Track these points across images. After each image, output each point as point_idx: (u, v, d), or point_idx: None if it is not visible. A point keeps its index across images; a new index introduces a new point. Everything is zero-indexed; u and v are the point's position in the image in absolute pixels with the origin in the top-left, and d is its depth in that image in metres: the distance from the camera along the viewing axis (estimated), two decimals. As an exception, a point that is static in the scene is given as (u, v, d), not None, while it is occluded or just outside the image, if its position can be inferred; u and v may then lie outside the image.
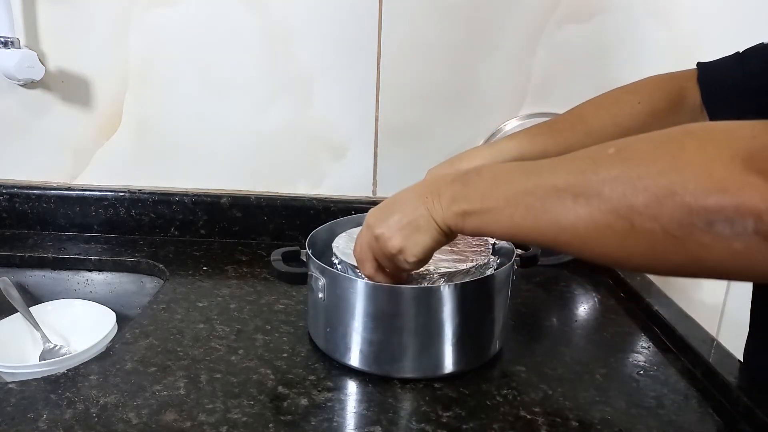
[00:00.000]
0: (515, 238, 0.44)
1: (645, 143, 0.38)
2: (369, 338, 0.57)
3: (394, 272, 0.54)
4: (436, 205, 0.48)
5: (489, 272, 0.61)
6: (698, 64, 0.65)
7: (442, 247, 0.62)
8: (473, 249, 0.64)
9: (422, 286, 0.57)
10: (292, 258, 0.64)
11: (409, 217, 0.49)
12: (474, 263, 0.60)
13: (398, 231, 0.49)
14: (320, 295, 0.59)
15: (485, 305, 0.59)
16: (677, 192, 0.33)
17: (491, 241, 0.68)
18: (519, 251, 0.64)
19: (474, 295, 0.58)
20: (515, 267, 0.63)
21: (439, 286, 0.56)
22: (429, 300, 0.56)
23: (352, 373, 0.59)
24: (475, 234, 0.47)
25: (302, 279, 0.62)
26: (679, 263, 0.35)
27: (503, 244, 0.67)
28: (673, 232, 0.34)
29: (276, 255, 0.64)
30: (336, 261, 0.61)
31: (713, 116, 0.61)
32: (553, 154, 0.44)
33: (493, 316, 0.61)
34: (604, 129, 0.63)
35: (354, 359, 0.59)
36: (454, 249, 0.64)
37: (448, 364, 0.58)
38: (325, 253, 0.68)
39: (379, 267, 0.54)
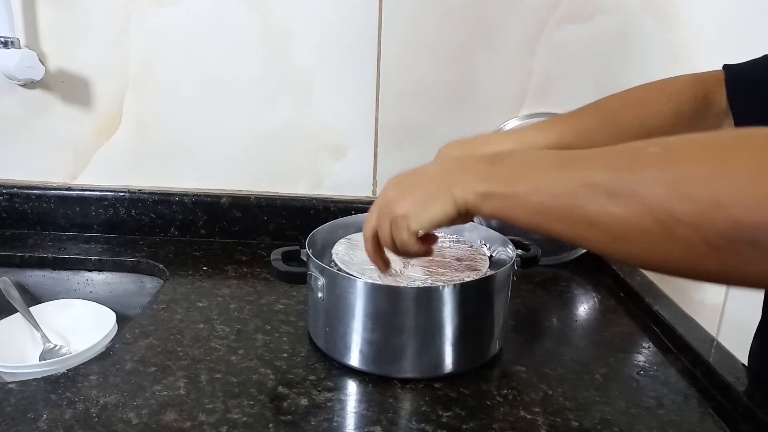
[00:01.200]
0: (539, 227, 0.41)
1: (692, 145, 0.35)
2: (368, 338, 0.57)
3: (387, 242, 0.51)
4: (458, 179, 0.45)
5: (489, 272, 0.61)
6: (725, 66, 0.63)
7: (440, 260, 0.63)
8: (469, 263, 0.64)
9: (422, 285, 0.57)
10: (292, 258, 0.64)
11: (427, 186, 0.47)
12: (471, 279, 0.59)
13: (411, 196, 0.47)
14: (320, 294, 0.59)
15: (485, 305, 0.59)
16: (723, 203, 0.31)
17: (488, 253, 0.68)
18: (519, 251, 0.64)
19: (474, 295, 0.58)
20: (515, 267, 0.63)
21: (439, 286, 0.56)
22: (429, 300, 0.56)
23: (352, 373, 0.59)
24: (492, 217, 0.44)
25: (302, 278, 0.61)
26: (716, 272, 0.33)
27: (501, 255, 0.67)
28: (714, 243, 0.31)
29: (276, 255, 0.63)
30: (335, 269, 0.60)
31: (739, 121, 0.59)
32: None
33: (493, 316, 0.61)
34: (631, 129, 0.61)
35: (354, 359, 0.59)
36: (452, 263, 0.64)
37: (448, 364, 0.58)
38: (325, 252, 0.68)
39: (376, 237, 0.52)
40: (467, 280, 0.59)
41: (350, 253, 0.65)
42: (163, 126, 0.90)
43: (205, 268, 0.83)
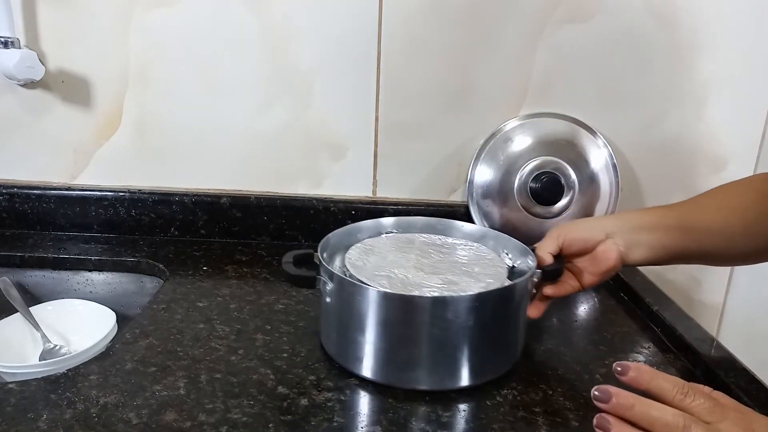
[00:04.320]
0: None
1: None
2: (380, 348, 0.55)
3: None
4: None
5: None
6: None
7: (457, 268, 0.61)
8: (487, 271, 0.61)
9: (437, 295, 0.55)
10: (304, 261, 0.61)
11: None
12: (487, 289, 0.56)
13: None
14: (329, 300, 0.57)
15: (503, 317, 0.56)
16: None
17: (509, 263, 0.65)
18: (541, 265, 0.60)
19: (492, 305, 0.55)
20: (535, 279, 0.59)
21: (455, 296, 0.54)
22: (443, 310, 0.53)
23: (352, 373, 0.59)
24: None
25: (312, 283, 0.59)
26: None
27: (521, 267, 0.64)
28: None
29: (288, 258, 0.61)
30: (347, 275, 0.58)
31: None
32: None
33: (512, 328, 0.58)
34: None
35: (365, 369, 0.57)
36: (469, 271, 0.61)
37: (463, 378, 0.56)
38: (338, 257, 0.66)
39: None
40: (483, 290, 0.55)
41: (363, 258, 0.63)
42: (163, 126, 0.90)
43: (205, 268, 0.83)
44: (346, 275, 0.58)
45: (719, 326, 0.98)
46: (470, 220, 0.90)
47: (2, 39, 0.80)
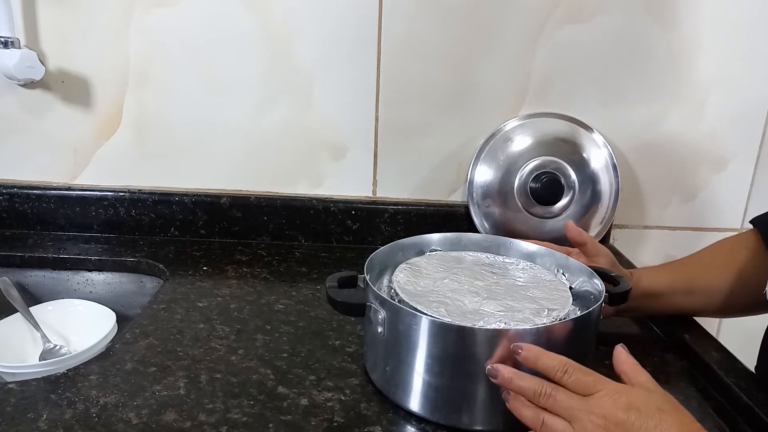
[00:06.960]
0: None
1: None
2: (433, 383, 0.51)
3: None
4: None
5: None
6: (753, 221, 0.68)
7: (515, 293, 0.58)
8: (549, 296, 0.57)
9: (498, 327, 0.50)
10: (348, 284, 0.58)
11: None
12: (553, 319, 0.52)
13: None
14: (380, 329, 0.53)
15: (571, 350, 0.50)
16: None
17: (567, 283, 0.61)
18: (609, 286, 0.57)
19: (560, 338, 0.50)
20: (603, 305, 0.55)
21: (517, 328, 0.49)
22: (504, 344, 0.48)
23: (351, 373, 0.59)
24: None
25: (360, 311, 0.55)
26: None
27: (587, 287, 0.60)
28: None
29: (332, 281, 0.57)
30: (396, 300, 0.54)
31: None
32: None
33: (587, 362, 0.50)
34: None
35: (414, 404, 0.53)
36: (529, 294, 0.57)
37: None
38: (383, 278, 0.62)
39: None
40: (548, 323, 0.51)
41: (413, 281, 0.58)
42: (163, 126, 0.90)
43: (205, 268, 0.83)
44: (395, 300, 0.54)
45: (719, 326, 0.98)
46: (470, 220, 0.90)
47: (2, 39, 0.80)
